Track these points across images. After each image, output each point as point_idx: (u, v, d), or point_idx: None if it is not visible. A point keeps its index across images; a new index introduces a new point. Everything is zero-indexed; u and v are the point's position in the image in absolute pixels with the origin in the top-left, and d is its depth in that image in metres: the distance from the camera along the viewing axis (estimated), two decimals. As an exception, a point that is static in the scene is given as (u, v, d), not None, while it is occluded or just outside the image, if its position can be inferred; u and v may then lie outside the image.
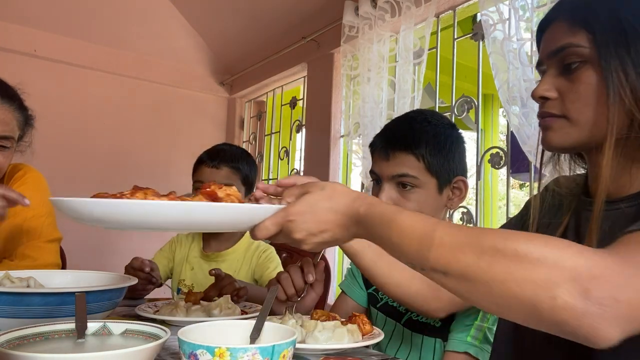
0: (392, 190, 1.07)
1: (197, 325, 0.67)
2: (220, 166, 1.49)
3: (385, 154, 1.08)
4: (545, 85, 0.71)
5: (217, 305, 1.00)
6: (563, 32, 0.69)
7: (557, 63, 0.70)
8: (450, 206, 1.11)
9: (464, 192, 1.10)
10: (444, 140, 1.08)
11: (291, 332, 0.65)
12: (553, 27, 0.71)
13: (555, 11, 0.72)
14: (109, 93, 3.19)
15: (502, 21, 1.68)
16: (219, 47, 3.53)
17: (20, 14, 2.83)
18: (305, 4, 2.67)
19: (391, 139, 1.09)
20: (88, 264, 1.62)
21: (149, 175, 3.32)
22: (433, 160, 1.05)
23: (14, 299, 0.78)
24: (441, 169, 1.06)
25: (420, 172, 1.05)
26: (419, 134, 1.07)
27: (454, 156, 1.08)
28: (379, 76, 2.17)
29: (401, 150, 1.06)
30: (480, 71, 1.94)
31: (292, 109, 3.11)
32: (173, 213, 0.60)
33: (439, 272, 0.53)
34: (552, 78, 0.71)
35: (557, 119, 0.70)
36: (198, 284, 1.54)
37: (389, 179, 1.07)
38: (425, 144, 1.05)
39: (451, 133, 1.11)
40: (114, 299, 0.90)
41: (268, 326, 0.69)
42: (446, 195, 1.09)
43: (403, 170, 1.05)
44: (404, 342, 1.11)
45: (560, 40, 0.69)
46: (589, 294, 0.44)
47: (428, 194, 1.06)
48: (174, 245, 1.62)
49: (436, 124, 1.10)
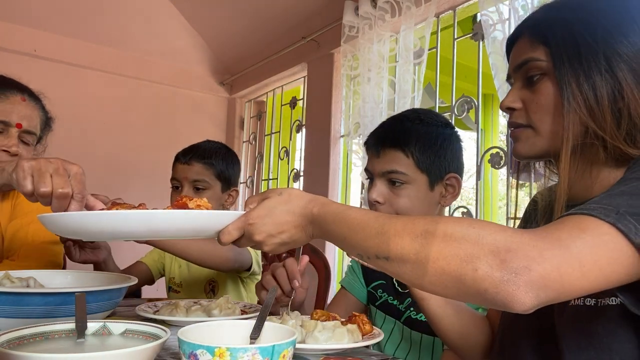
0: (383, 187, 1.08)
1: (197, 325, 0.67)
2: (191, 162, 1.51)
3: (376, 151, 1.10)
4: (510, 97, 0.76)
5: (217, 305, 1.00)
6: (526, 47, 0.74)
7: (522, 76, 0.75)
8: (444, 203, 1.11)
9: (457, 189, 1.11)
10: (435, 138, 1.08)
11: (291, 332, 0.65)
12: (519, 42, 0.77)
13: (520, 27, 0.78)
14: (109, 93, 3.19)
15: (502, 21, 1.68)
16: (219, 47, 3.53)
17: (20, 14, 2.83)
18: (305, 4, 2.67)
19: (382, 136, 1.11)
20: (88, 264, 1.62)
21: (149, 175, 3.32)
22: (422, 156, 1.06)
23: (14, 299, 0.78)
24: (431, 166, 1.07)
25: (409, 169, 1.06)
26: (409, 131, 1.08)
27: (446, 153, 1.09)
28: (379, 76, 2.17)
29: (390, 147, 1.07)
30: (480, 71, 1.94)
31: (292, 109, 3.11)
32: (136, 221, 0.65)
33: (382, 258, 0.58)
34: (518, 90, 0.76)
35: (523, 130, 0.75)
36: (186, 282, 1.53)
37: (380, 175, 1.09)
38: (415, 141, 1.06)
39: (444, 131, 1.12)
40: (114, 299, 0.90)
41: (268, 326, 0.69)
42: (438, 191, 1.10)
43: (392, 167, 1.07)
44: (403, 340, 1.11)
45: (523, 54, 0.74)
46: (505, 264, 0.49)
47: (419, 190, 1.07)
48: None
49: (428, 122, 1.11)
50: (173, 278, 1.56)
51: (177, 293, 1.55)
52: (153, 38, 3.31)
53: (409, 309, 1.11)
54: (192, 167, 1.50)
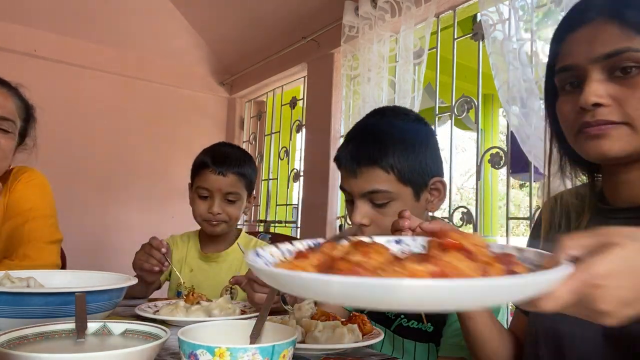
0: (365, 207, 1.00)
1: (197, 325, 0.67)
2: (226, 173, 1.44)
3: (352, 171, 1.00)
4: (598, 91, 0.67)
5: (217, 306, 1.00)
6: (614, 34, 0.65)
7: (606, 67, 0.67)
8: (431, 208, 1.05)
9: (442, 192, 1.04)
10: (412, 142, 1.00)
11: (291, 332, 0.65)
12: (593, 28, 0.67)
13: (588, 11, 0.69)
14: (109, 93, 3.19)
15: (502, 21, 1.68)
16: (219, 47, 3.53)
17: (20, 14, 2.83)
18: (305, 4, 2.67)
19: (355, 153, 1.01)
20: (88, 264, 1.62)
21: (149, 176, 3.32)
22: (403, 167, 0.98)
23: (14, 299, 0.78)
24: (414, 175, 0.99)
25: (392, 185, 0.98)
26: (384, 142, 0.99)
27: (426, 156, 1.01)
28: (379, 76, 2.17)
29: (368, 165, 0.98)
30: (480, 71, 1.94)
31: (292, 109, 3.11)
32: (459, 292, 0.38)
33: None
34: (602, 83, 0.67)
35: (616, 127, 0.66)
36: (198, 286, 1.53)
37: (360, 196, 1.00)
38: (393, 152, 0.98)
39: (418, 130, 1.04)
40: (114, 299, 0.90)
41: (268, 326, 0.69)
42: (424, 199, 1.03)
43: (373, 187, 0.98)
44: (395, 350, 1.08)
45: (612, 43, 0.65)
46: None
47: (404, 204, 0.99)
48: (170, 246, 1.60)
49: (401, 126, 1.02)
50: (183, 283, 1.56)
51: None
52: (153, 38, 3.31)
53: (400, 316, 1.08)
54: (227, 178, 1.44)
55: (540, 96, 1.57)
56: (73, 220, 2.75)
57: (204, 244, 1.57)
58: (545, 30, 1.59)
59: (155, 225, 3.21)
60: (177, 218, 3.25)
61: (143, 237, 1.32)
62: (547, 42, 1.58)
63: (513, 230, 6.93)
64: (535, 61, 1.58)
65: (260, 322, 0.68)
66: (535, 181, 1.79)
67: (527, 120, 1.59)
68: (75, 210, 2.93)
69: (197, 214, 1.48)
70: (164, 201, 3.32)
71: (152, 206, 3.31)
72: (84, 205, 3.03)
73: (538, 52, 1.58)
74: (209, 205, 1.44)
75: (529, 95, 1.59)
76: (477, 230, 1.92)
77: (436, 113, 2.19)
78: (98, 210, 3.12)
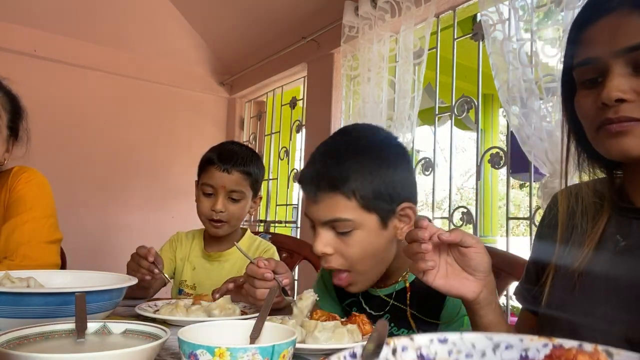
0: (328, 236, 0.93)
1: (197, 325, 0.67)
2: (232, 170, 1.43)
3: (313, 196, 0.94)
4: (621, 86, 0.63)
5: (217, 306, 1.00)
6: (638, 26, 0.61)
7: (630, 61, 0.63)
8: (401, 236, 0.95)
9: (413, 219, 0.94)
10: (377, 166, 0.91)
11: (291, 332, 0.65)
12: (615, 19, 0.63)
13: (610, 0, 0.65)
14: (109, 93, 3.19)
15: (502, 21, 1.68)
16: (219, 47, 3.53)
17: (20, 14, 2.83)
18: (305, 4, 2.67)
19: (315, 177, 0.93)
20: (88, 264, 1.62)
21: (149, 175, 3.32)
22: (367, 193, 0.90)
23: (14, 299, 0.78)
24: (380, 201, 0.91)
25: (354, 213, 0.90)
26: (345, 165, 0.91)
27: (394, 181, 0.92)
28: (379, 76, 2.17)
29: (328, 191, 0.91)
30: (480, 71, 1.94)
31: (292, 109, 3.11)
32: None
33: None
34: (624, 78, 0.63)
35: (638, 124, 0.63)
36: (200, 284, 1.53)
37: (322, 224, 0.93)
38: (355, 177, 0.89)
39: (385, 150, 0.95)
40: (114, 299, 0.90)
41: (268, 326, 0.69)
42: (392, 226, 0.94)
43: (334, 215, 0.91)
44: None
45: (636, 35, 0.61)
46: None
47: (369, 233, 0.92)
48: (174, 244, 1.60)
49: (365, 146, 0.94)
50: (185, 281, 1.56)
51: (190, 296, 1.53)
52: (153, 38, 3.31)
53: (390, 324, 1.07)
54: (232, 176, 1.43)
55: (541, 96, 1.57)
56: (73, 220, 2.76)
57: (208, 242, 1.57)
58: (545, 30, 1.59)
59: (155, 225, 3.21)
60: (177, 218, 3.25)
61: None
62: (547, 42, 1.59)
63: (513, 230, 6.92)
64: (535, 61, 1.58)
65: (260, 322, 0.68)
66: (535, 181, 1.80)
67: (527, 120, 1.60)
68: (75, 210, 2.93)
69: (200, 212, 1.48)
70: (164, 201, 3.32)
71: (152, 206, 3.31)
72: (84, 205, 3.03)
73: (538, 52, 1.58)
74: (213, 202, 1.44)
75: (529, 95, 1.59)
76: (477, 230, 1.92)
77: (436, 113, 2.19)
78: (98, 210, 3.12)
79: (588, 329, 0.69)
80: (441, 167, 2.28)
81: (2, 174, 1.34)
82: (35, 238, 1.28)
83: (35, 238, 1.28)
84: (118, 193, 3.21)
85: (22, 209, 1.30)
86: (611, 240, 0.71)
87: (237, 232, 1.58)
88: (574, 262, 0.73)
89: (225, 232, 1.49)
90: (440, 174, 2.18)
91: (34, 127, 1.39)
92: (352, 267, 0.94)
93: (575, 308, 0.71)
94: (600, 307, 0.68)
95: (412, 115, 2.06)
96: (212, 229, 1.48)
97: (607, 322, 0.67)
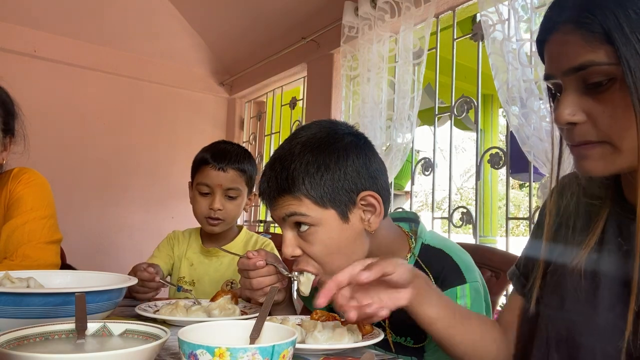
0: (291, 237, 0.93)
1: (197, 325, 0.67)
2: (227, 169, 1.45)
3: (269, 202, 0.95)
4: (569, 109, 0.62)
5: (217, 306, 1.00)
6: (578, 46, 0.60)
7: (577, 81, 0.61)
8: (370, 228, 0.93)
9: (378, 207, 0.92)
10: (326, 161, 0.90)
11: (291, 332, 0.65)
12: (559, 38, 0.62)
13: (557, 15, 0.63)
14: (109, 93, 3.20)
15: (502, 21, 1.68)
16: (219, 48, 3.53)
17: (20, 14, 2.83)
18: (305, 4, 2.67)
19: (266, 188, 0.94)
20: (88, 264, 1.62)
21: (149, 175, 3.33)
22: (318, 192, 0.89)
23: (14, 299, 0.78)
24: (334, 196, 0.89)
25: (309, 209, 0.89)
26: (291, 169, 0.90)
27: (347, 172, 0.90)
28: (378, 76, 2.17)
29: (279, 197, 0.92)
30: (480, 71, 1.94)
31: (292, 109, 3.11)
32: None
33: None
34: (575, 99, 0.62)
35: (596, 147, 0.62)
36: (199, 280, 1.53)
37: (282, 222, 0.94)
38: (302, 179, 0.89)
39: (336, 146, 0.92)
40: (114, 299, 0.90)
41: (268, 326, 0.69)
42: (357, 218, 0.92)
43: (289, 209, 0.91)
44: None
45: (576, 57, 0.60)
46: None
47: (330, 229, 0.90)
48: (171, 241, 1.60)
49: (311, 145, 0.92)
50: (183, 277, 1.56)
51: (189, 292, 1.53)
52: (153, 38, 3.31)
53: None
54: (227, 174, 1.45)
55: (540, 96, 1.57)
56: (73, 220, 2.76)
57: (205, 239, 1.58)
58: (544, 30, 1.59)
59: (155, 225, 3.22)
60: (177, 218, 3.25)
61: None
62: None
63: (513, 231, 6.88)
64: (535, 61, 1.59)
65: (260, 321, 0.68)
66: (535, 181, 1.80)
67: (527, 121, 1.60)
68: (75, 210, 2.93)
69: (197, 212, 1.49)
70: (164, 201, 3.32)
71: (152, 206, 3.31)
72: (84, 206, 3.04)
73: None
74: (210, 201, 1.45)
75: (528, 95, 1.59)
76: (477, 230, 1.93)
77: (436, 113, 2.19)
78: (98, 210, 3.12)
79: (588, 339, 0.67)
80: (441, 167, 2.28)
81: (2, 175, 1.35)
82: (35, 238, 1.28)
83: (35, 238, 1.28)
84: (118, 193, 3.21)
85: (22, 209, 1.30)
86: (614, 243, 0.69)
87: (234, 229, 1.58)
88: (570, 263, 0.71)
89: (222, 229, 1.50)
90: (440, 174, 2.18)
91: (34, 128, 1.39)
92: (322, 267, 0.93)
93: (574, 313, 0.70)
94: (603, 314, 0.66)
95: (412, 115, 2.06)
96: (208, 226, 1.48)
97: (609, 330, 0.65)
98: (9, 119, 1.31)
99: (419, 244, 1.00)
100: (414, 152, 2.18)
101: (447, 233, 2.10)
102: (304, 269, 0.94)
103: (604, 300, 0.67)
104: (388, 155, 2.13)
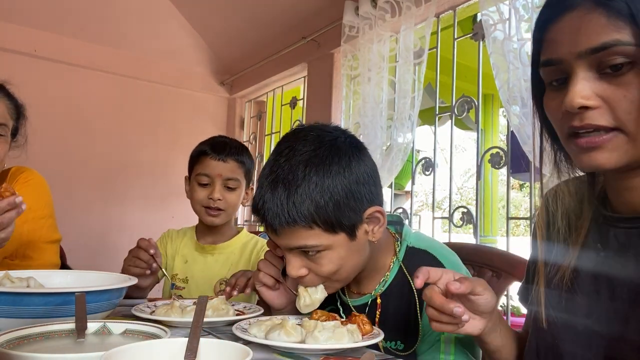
0: (298, 260, 0.91)
1: (123, 348, 0.57)
2: (227, 159, 1.46)
3: (272, 229, 0.89)
4: (584, 92, 0.58)
5: (210, 306, 0.97)
6: (600, 24, 0.56)
7: (593, 63, 0.58)
8: (374, 237, 0.92)
9: (382, 219, 0.91)
10: (333, 185, 0.85)
11: (245, 351, 0.55)
12: (577, 17, 0.59)
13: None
14: (109, 93, 3.19)
15: (503, 21, 1.68)
16: (219, 47, 3.53)
17: (20, 14, 2.83)
18: (305, 4, 2.67)
19: (269, 213, 0.87)
20: (88, 264, 1.62)
21: (149, 175, 3.32)
22: (327, 217, 0.85)
23: (14, 299, 0.78)
24: (343, 219, 0.87)
25: (320, 238, 0.87)
26: (300, 196, 0.84)
27: (354, 191, 0.87)
28: (379, 76, 2.17)
29: (285, 226, 0.86)
30: (481, 71, 1.94)
31: (292, 109, 3.11)
32: None
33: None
34: (588, 82, 0.58)
35: (609, 136, 0.58)
36: (193, 277, 1.52)
37: (289, 250, 0.90)
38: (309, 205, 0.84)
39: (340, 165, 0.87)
40: (114, 299, 0.90)
41: (211, 344, 0.59)
42: (362, 232, 0.91)
43: (299, 243, 0.87)
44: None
45: (598, 36, 0.56)
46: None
47: (340, 249, 0.89)
48: (164, 239, 1.60)
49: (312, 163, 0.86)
50: (176, 274, 1.55)
51: (181, 290, 1.52)
52: (153, 38, 3.31)
53: None
54: (227, 164, 1.46)
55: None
56: (73, 220, 2.76)
57: (200, 235, 1.57)
58: (545, 30, 1.59)
59: (155, 225, 3.21)
60: (177, 218, 3.25)
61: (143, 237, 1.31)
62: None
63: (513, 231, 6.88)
64: (536, 61, 1.58)
65: (193, 340, 0.56)
66: (535, 181, 1.79)
67: (528, 120, 1.59)
68: (75, 210, 2.93)
69: (196, 202, 1.48)
70: (164, 201, 3.32)
71: (152, 206, 3.31)
72: (84, 205, 3.03)
73: (538, 52, 1.58)
74: (209, 191, 1.45)
75: (529, 95, 1.58)
76: (477, 230, 1.92)
77: (436, 113, 2.19)
78: (98, 210, 3.12)
79: (571, 346, 0.68)
80: (441, 167, 2.28)
81: (0, 175, 1.34)
82: (35, 238, 1.28)
83: (35, 238, 1.28)
84: (118, 193, 3.21)
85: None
86: (593, 248, 0.69)
87: (232, 227, 1.58)
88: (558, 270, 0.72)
89: (222, 221, 1.49)
90: (441, 174, 2.18)
91: (34, 127, 1.39)
92: (328, 279, 0.94)
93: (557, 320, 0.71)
94: (582, 321, 0.67)
95: (413, 115, 2.06)
96: (208, 217, 1.47)
97: (588, 336, 0.65)
98: (20, 124, 1.31)
99: (403, 247, 1.00)
100: (414, 151, 2.18)
101: (448, 233, 2.10)
102: (309, 285, 0.94)
103: (582, 307, 0.68)
104: (389, 155, 2.13)
